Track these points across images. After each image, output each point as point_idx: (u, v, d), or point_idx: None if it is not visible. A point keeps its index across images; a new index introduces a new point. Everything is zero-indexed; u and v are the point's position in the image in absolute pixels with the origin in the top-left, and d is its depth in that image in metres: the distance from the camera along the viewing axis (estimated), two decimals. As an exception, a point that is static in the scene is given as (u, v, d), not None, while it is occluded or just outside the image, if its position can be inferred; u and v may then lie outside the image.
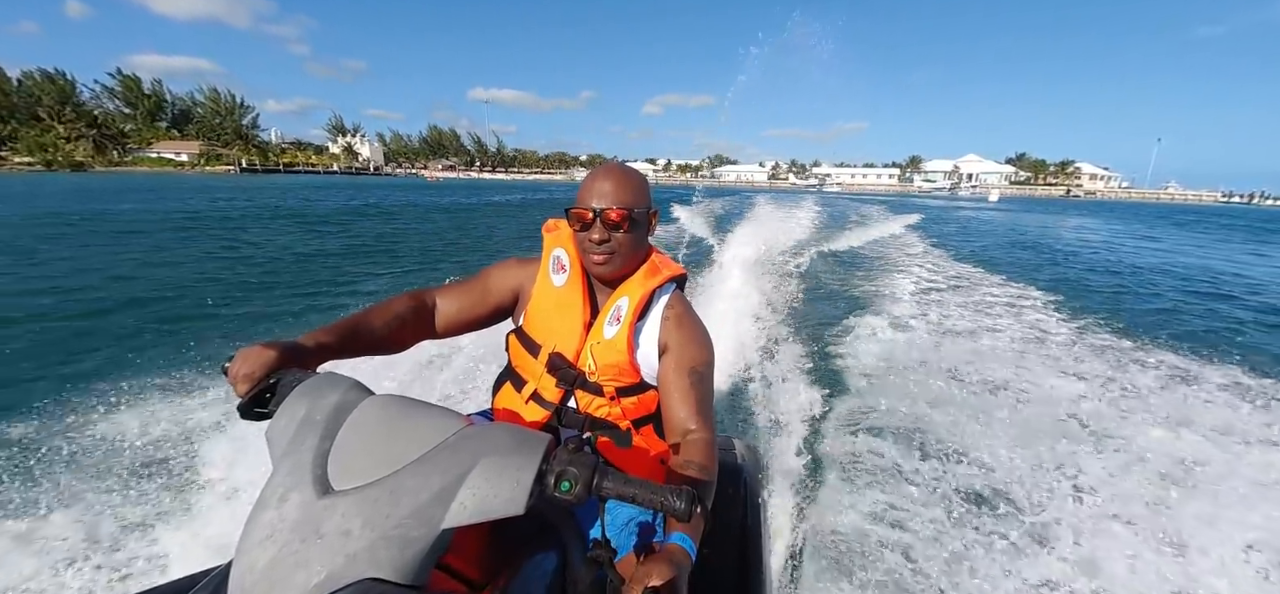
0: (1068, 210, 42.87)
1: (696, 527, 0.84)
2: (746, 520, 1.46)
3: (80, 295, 6.11)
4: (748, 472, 1.61)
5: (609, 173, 1.11)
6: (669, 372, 1.10)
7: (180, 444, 2.81)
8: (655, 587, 0.71)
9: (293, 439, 0.70)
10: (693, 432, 1.02)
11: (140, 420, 3.04)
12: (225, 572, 0.59)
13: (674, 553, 0.79)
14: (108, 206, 17.09)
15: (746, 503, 1.50)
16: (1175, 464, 2.81)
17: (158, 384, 3.54)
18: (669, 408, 1.08)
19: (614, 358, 1.12)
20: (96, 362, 4.11)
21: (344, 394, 0.76)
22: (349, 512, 0.61)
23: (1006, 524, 2.35)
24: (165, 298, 6.17)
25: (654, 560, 0.76)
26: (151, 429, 2.95)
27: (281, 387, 0.84)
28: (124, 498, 2.38)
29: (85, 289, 6.42)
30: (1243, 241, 19.11)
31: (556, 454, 0.72)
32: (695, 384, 1.07)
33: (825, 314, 5.94)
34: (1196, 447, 3.00)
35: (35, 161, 74.70)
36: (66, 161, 76.24)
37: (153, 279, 7.13)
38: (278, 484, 0.64)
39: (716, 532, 1.35)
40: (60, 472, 2.56)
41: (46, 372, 3.91)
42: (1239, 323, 6.57)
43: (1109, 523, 2.36)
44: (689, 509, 0.70)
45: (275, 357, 0.88)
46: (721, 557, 1.32)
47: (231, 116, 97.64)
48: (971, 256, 11.14)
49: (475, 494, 0.64)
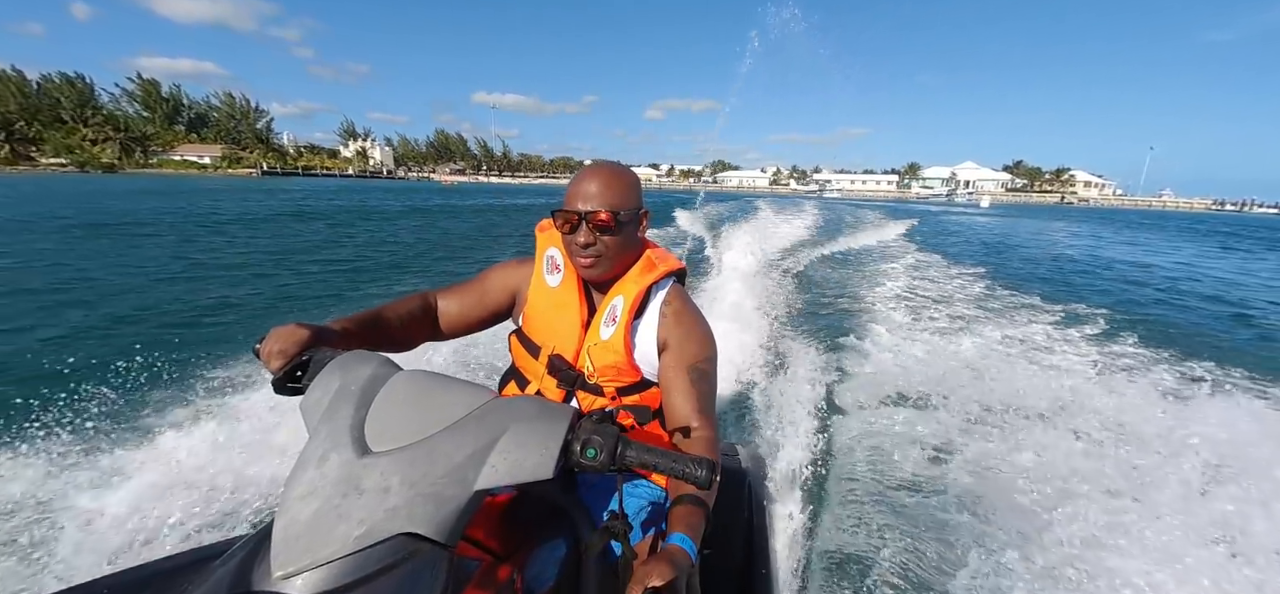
0: (1057, 216, 43.67)
1: (697, 528, 0.85)
2: (751, 526, 1.45)
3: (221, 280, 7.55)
4: (752, 477, 1.61)
5: (596, 173, 1.08)
6: (669, 369, 1.09)
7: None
8: (656, 587, 0.72)
9: (328, 409, 0.73)
10: (695, 429, 1.02)
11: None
12: (266, 530, 0.61)
13: (675, 554, 0.79)
14: (186, 205, 19.11)
15: (751, 509, 1.50)
16: (1204, 469, 2.62)
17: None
18: (670, 406, 1.07)
19: (612, 359, 1.11)
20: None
21: (376, 368, 0.79)
22: (387, 469, 0.64)
23: (1010, 525, 2.32)
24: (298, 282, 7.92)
25: (654, 561, 0.76)
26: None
27: (313, 363, 0.88)
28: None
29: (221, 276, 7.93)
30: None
31: (582, 423, 0.75)
32: (696, 381, 1.06)
33: (827, 318, 5.93)
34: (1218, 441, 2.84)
35: (67, 163, 77.90)
36: (97, 164, 79.41)
37: (298, 264, 9.22)
38: (317, 447, 0.67)
39: (722, 538, 1.36)
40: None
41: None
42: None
43: (1111, 526, 2.30)
44: (709, 477, 0.73)
45: (308, 335, 0.92)
46: (727, 563, 1.33)
47: (247, 120, 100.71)
48: (972, 263, 11.13)
49: (506, 458, 0.67)
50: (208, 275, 7.64)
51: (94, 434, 2.69)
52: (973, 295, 7.55)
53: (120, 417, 2.93)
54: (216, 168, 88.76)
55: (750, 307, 5.63)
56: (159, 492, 2.24)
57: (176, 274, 7.61)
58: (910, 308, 6.57)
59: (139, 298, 6.11)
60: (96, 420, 2.81)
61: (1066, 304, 6.99)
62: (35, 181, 41.09)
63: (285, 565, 0.57)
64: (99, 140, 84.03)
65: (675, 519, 0.86)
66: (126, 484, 2.27)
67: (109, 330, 4.85)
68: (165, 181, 47.66)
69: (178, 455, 2.49)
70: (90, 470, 2.37)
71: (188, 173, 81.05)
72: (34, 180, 44.78)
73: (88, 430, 2.71)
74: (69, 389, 3.04)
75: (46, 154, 79.26)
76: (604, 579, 0.97)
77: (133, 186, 34.26)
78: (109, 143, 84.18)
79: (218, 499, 2.25)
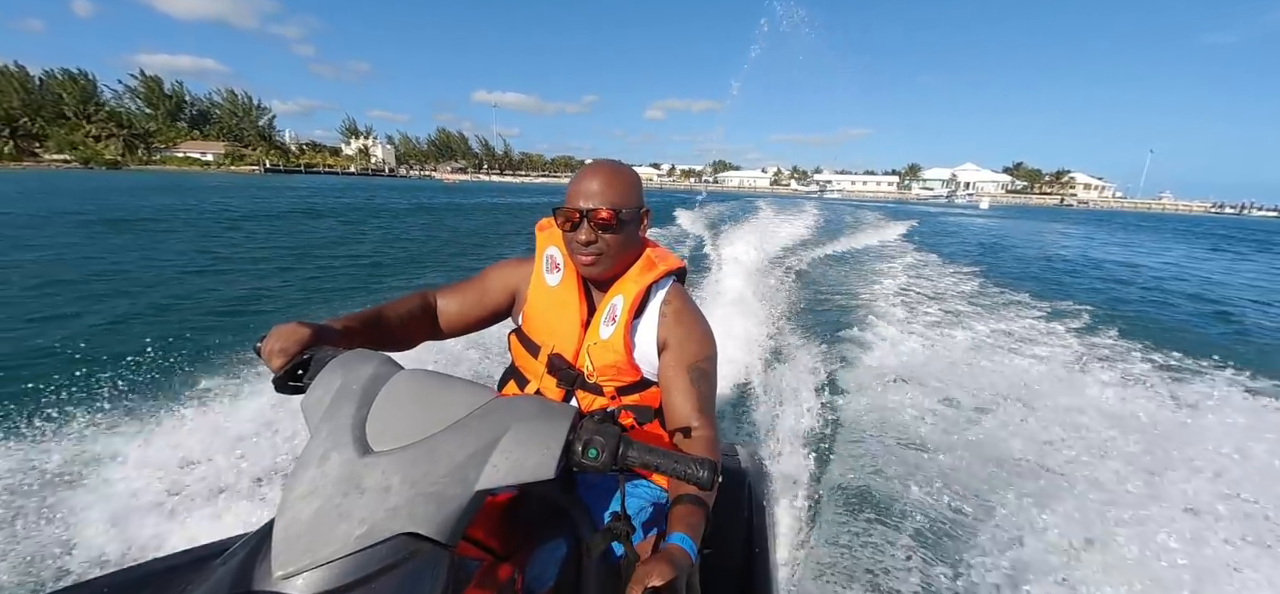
0: (1054, 218, 43.56)
1: (697, 527, 0.85)
2: (751, 527, 1.46)
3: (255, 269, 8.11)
4: (752, 478, 1.63)
5: (597, 171, 1.09)
6: (669, 368, 1.09)
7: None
8: (656, 587, 0.72)
9: (330, 407, 0.72)
10: (695, 429, 1.03)
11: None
12: (267, 529, 0.62)
13: (675, 554, 0.80)
14: (195, 201, 19.38)
15: (751, 509, 1.51)
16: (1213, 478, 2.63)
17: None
18: (670, 405, 1.07)
19: (611, 358, 1.11)
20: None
21: (378, 367, 0.78)
22: (388, 469, 0.64)
23: (1012, 526, 2.33)
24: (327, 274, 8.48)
25: (654, 561, 0.76)
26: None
27: (314, 362, 0.88)
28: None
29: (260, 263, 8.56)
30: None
31: (584, 423, 0.75)
32: (696, 381, 1.07)
33: (827, 318, 5.96)
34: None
35: (71, 159, 78.30)
36: (101, 160, 79.96)
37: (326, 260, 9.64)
38: (318, 446, 0.67)
39: (722, 538, 1.37)
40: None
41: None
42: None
43: (1119, 526, 2.30)
44: (711, 477, 0.73)
45: (309, 334, 0.92)
46: (727, 563, 1.34)
47: (248, 117, 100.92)
48: (968, 263, 11.22)
49: (508, 457, 0.67)
50: (235, 269, 8.00)
51: (154, 404, 3.01)
52: (967, 292, 7.73)
53: (173, 392, 3.23)
54: (219, 165, 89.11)
55: (751, 305, 5.68)
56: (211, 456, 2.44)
57: (205, 267, 7.96)
58: (907, 305, 6.66)
59: (174, 288, 6.48)
60: (153, 395, 3.14)
61: (1055, 301, 7.24)
62: (41, 177, 41.44)
63: (286, 565, 0.58)
64: (103, 137, 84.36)
65: (675, 519, 0.87)
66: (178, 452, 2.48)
67: (154, 318, 5.20)
68: (170, 178, 47.86)
69: (229, 428, 2.69)
70: (161, 448, 2.54)
71: (190, 170, 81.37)
72: (39, 176, 45.12)
73: (150, 401, 3.05)
74: (133, 366, 3.42)
75: (50, 150, 79.57)
76: (605, 580, 0.96)
77: (140, 183, 34.58)
78: (113, 139, 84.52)
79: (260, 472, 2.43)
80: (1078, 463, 2.84)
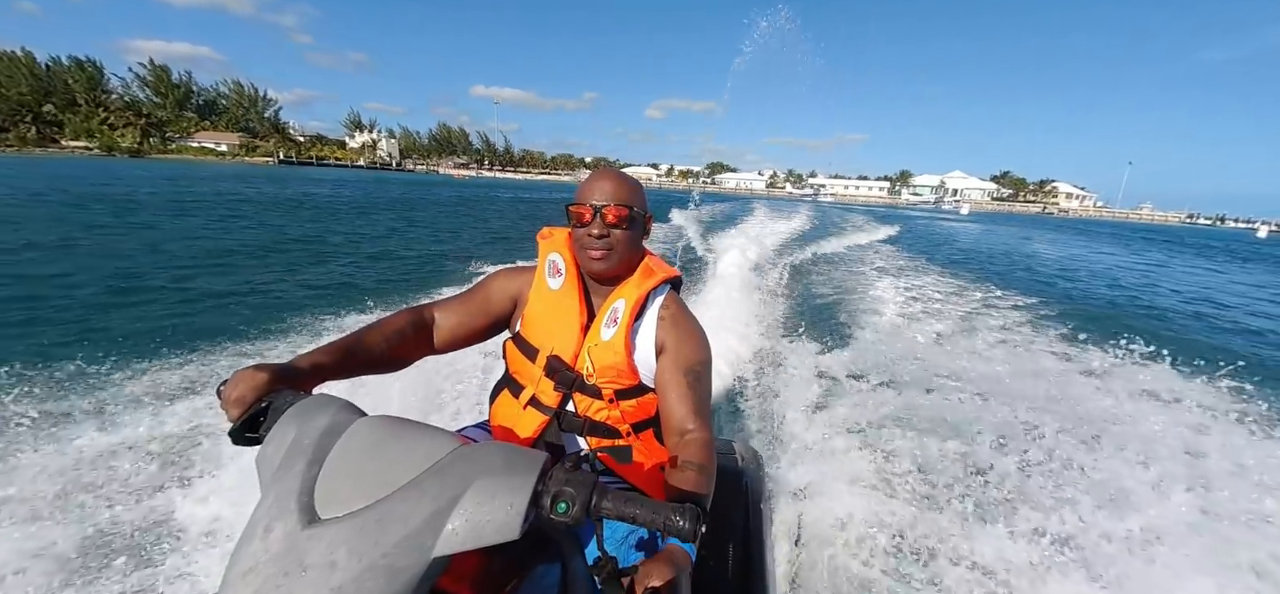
0: (1033, 226, 42.84)
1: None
2: (748, 524, 1.47)
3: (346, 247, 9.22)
4: (749, 475, 1.63)
5: (608, 174, 1.17)
6: (666, 371, 1.12)
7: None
8: (656, 587, 0.72)
9: (280, 465, 0.68)
10: (691, 431, 1.05)
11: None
12: None
13: (674, 553, 0.81)
14: (235, 188, 20.58)
15: (748, 506, 1.52)
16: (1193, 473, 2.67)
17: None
18: (667, 408, 1.10)
19: (612, 359, 1.14)
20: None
21: (334, 416, 0.74)
22: (334, 542, 0.59)
23: (1012, 525, 2.35)
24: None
25: (654, 561, 0.77)
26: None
27: (273, 410, 0.83)
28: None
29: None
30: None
31: (553, 473, 0.70)
32: (693, 384, 1.09)
33: (821, 316, 6.02)
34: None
35: (92, 147, 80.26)
36: (121, 148, 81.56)
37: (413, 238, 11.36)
38: (262, 514, 0.62)
39: (719, 536, 1.38)
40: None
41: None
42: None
43: (1119, 528, 2.31)
44: (693, 528, 0.71)
45: (267, 379, 0.87)
46: (724, 561, 1.35)
47: (255, 108, 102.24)
48: (953, 264, 11.65)
49: (468, 519, 0.62)
50: (325, 251, 8.94)
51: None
52: (967, 301, 7.81)
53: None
54: (233, 155, 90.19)
55: (745, 305, 5.78)
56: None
57: (282, 243, 9.04)
58: (909, 308, 6.79)
59: (267, 262, 7.52)
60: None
61: (1071, 306, 7.59)
62: (69, 164, 41.00)
63: None
64: (120, 125, 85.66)
65: None
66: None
67: (249, 293, 5.92)
68: (190, 167, 48.06)
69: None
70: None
71: (206, 159, 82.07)
72: (67, 162, 44.61)
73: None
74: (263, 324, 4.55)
75: (67, 137, 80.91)
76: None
77: (168, 171, 34.80)
78: (130, 128, 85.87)
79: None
80: (1065, 450, 2.93)
